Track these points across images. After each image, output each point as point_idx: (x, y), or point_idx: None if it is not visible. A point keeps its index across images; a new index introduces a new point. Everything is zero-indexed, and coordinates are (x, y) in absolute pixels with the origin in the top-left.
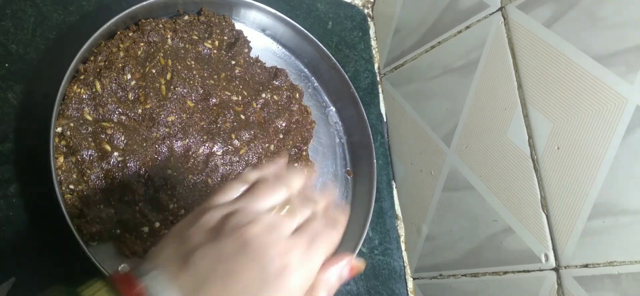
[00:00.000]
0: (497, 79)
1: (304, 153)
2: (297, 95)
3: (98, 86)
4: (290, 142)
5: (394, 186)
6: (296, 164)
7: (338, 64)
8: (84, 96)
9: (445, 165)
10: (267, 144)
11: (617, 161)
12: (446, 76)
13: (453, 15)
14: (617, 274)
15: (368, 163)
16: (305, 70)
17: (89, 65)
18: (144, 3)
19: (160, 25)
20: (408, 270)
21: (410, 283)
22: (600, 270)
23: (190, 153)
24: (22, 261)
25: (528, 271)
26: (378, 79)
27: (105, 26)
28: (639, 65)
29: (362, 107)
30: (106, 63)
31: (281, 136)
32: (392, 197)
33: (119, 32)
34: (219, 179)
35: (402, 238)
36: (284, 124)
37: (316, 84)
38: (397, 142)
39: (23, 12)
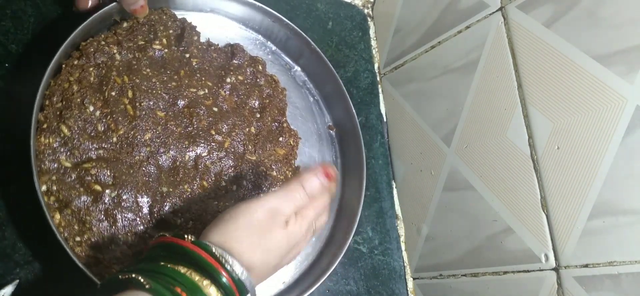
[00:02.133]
0: (497, 79)
1: (285, 125)
2: (260, 67)
3: (65, 130)
4: (269, 118)
5: (394, 186)
6: (280, 138)
7: (291, 23)
8: (55, 145)
9: (445, 165)
10: (247, 128)
11: (617, 161)
12: (446, 76)
13: (453, 15)
14: (617, 274)
15: (347, 113)
16: (259, 37)
17: (47, 111)
18: (80, 27)
19: (103, 42)
20: (408, 270)
21: (410, 283)
22: (600, 269)
23: (177, 163)
24: (23, 262)
25: (528, 271)
26: (378, 79)
27: (50, 65)
28: (639, 65)
29: (324, 57)
30: (64, 103)
31: (258, 115)
32: (392, 197)
33: (64, 65)
34: (213, 179)
35: (402, 238)
36: (257, 103)
37: (273, 47)
38: (397, 142)
39: (23, 12)
